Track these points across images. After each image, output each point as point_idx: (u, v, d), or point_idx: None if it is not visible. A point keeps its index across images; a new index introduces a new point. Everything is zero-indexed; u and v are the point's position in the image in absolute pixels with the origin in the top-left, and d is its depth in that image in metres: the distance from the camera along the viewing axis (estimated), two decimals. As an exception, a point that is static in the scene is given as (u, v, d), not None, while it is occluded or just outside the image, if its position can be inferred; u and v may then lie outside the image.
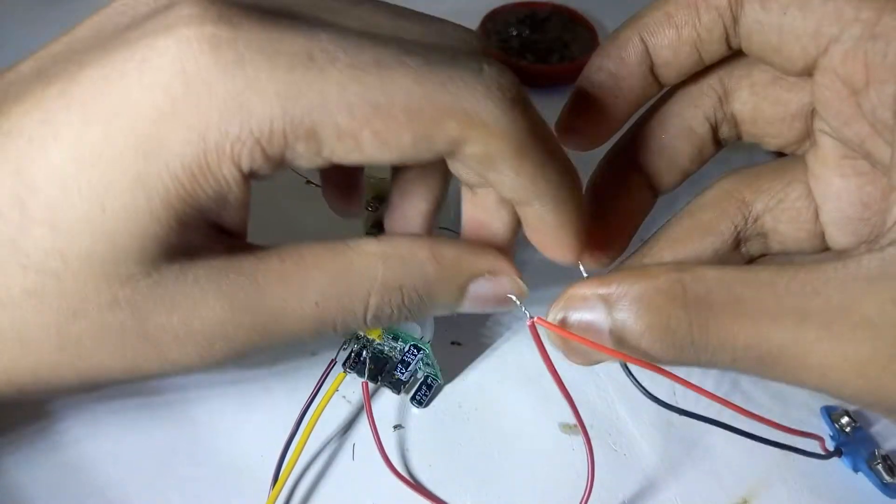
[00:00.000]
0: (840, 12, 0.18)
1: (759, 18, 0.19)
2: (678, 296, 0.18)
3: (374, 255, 0.21)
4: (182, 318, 0.19)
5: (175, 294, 0.19)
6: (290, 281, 0.20)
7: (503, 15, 0.48)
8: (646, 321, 0.18)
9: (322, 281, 0.20)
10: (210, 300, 0.19)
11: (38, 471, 0.26)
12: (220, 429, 0.28)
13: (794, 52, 0.19)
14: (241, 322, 0.20)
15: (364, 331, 0.25)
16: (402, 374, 0.25)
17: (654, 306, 0.18)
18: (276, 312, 0.20)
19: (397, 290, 0.21)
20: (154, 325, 0.19)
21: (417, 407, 0.28)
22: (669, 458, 0.28)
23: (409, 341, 0.26)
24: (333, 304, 0.20)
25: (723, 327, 0.18)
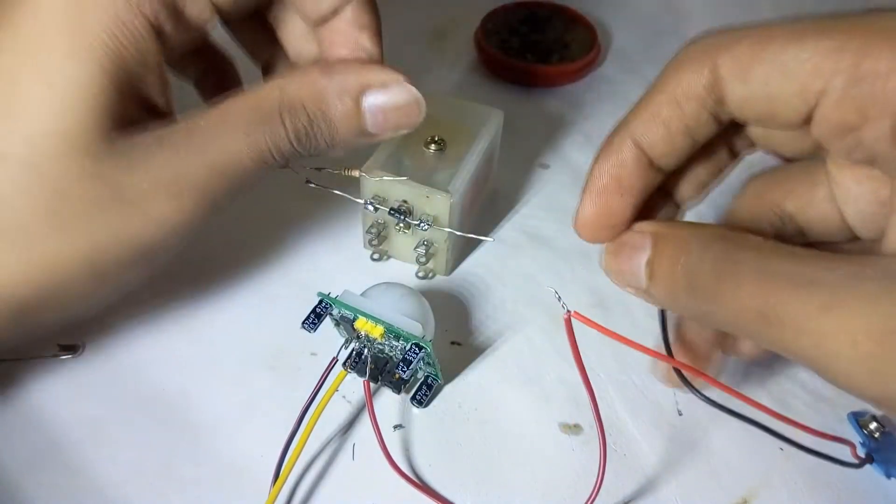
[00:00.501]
0: (819, 68, 0.18)
1: (743, 94, 0.20)
2: (713, 247, 0.20)
3: (276, 83, 0.25)
4: (145, 176, 0.23)
5: (132, 158, 0.23)
6: (218, 123, 0.24)
7: (503, 15, 0.48)
8: (680, 260, 0.20)
9: (243, 116, 0.24)
10: (162, 156, 0.23)
11: (39, 472, 0.26)
12: (221, 429, 0.28)
13: (786, 114, 0.20)
14: (193, 167, 0.23)
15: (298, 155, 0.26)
16: (404, 372, 0.25)
17: (688, 247, 0.20)
18: (218, 150, 0.24)
19: (301, 109, 0.24)
20: (125, 187, 0.23)
21: (418, 407, 0.28)
22: (669, 458, 0.28)
23: (412, 340, 0.26)
24: (258, 130, 0.24)
25: (737, 280, 0.19)
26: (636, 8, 0.53)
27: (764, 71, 0.19)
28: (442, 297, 0.33)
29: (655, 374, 0.26)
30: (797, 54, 0.19)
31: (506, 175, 0.38)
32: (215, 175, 0.24)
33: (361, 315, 0.26)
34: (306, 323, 0.26)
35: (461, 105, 0.35)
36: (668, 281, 0.21)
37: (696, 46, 0.21)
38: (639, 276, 0.22)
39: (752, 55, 0.20)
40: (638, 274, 0.22)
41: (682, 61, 0.21)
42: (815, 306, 0.17)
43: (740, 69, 0.20)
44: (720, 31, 0.21)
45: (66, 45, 0.22)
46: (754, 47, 0.20)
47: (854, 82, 0.18)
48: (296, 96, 0.24)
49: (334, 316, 0.27)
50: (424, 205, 0.30)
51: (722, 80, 0.20)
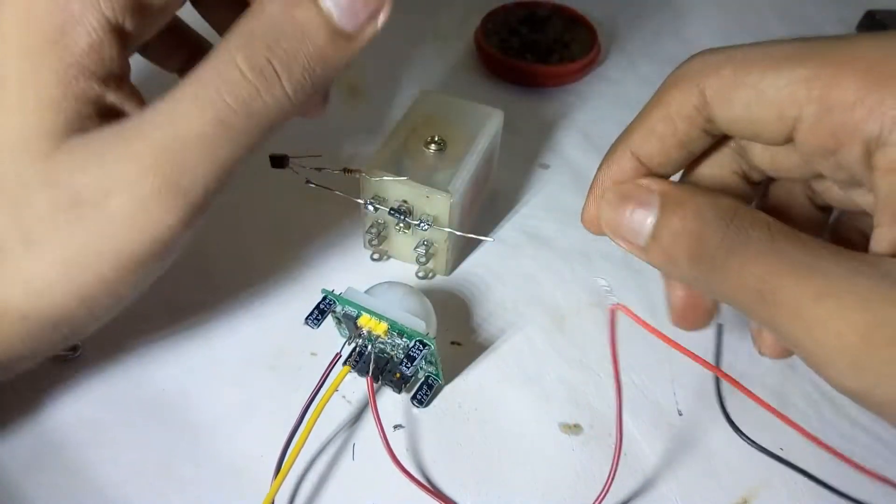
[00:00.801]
0: (794, 96, 0.19)
1: (729, 116, 0.21)
2: (726, 217, 0.20)
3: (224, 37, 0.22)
4: (102, 173, 0.21)
5: (87, 156, 0.21)
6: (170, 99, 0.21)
7: (503, 15, 0.48)
8: (689, 226, 0.20)
9: (193, 80, 0.21)
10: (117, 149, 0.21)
11: (39, 472, 0.26)
12: (221, 429, 0.28)
13: (769, 135, 0.21)
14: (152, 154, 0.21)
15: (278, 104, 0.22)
16: (407, 368, 0.25)
17: (701, 216, 0.20)
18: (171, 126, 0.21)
19: (255, 43, 0.21)
20: (83, 189, 0.21)
21: (418, 406, 0.28)
22: (669, 458, 0.28)
23: (415, 336, 0.26)
24: (208, 86, 0.21)
25: (746, 255, 0.19)
26: (636, 8, 0.53)
27: (745, 96, 0.20)
28: (442, 297, 0.33)
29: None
30: (774, 81, 0.20)
31: (506, 175, 0.38)
32: (171, 154, 0.21)
33: (365, 312, 0.26)
34: (310, 319, 0.26)
35: (461, 105, 0.35)
36: (672, 245, 0.21)
37: (686, 68, 0.22)
38: (639, 233, 0.21)
39: (734, 80, 0.21)
40: (639, 231, 0.21)
41: (674, 82, 0.22)
42: (810, 293, 0.18)
43: (724, 93, 0.21)
44: (709, 52, 0.22)
45: (17, 45, 0.21)
46: (737, 72, 0.21)
47: (825, 111, 0.19)
48: (242, 32, 0.22)
49: (337, 313, 0.27)
50: (424, 205, 0.30)
51: (710, 101, 0.21)
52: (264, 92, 0.22)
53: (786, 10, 0.54)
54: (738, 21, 0.53)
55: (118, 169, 0.21)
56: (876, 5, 0.52)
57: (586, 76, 0.46)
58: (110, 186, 0.21)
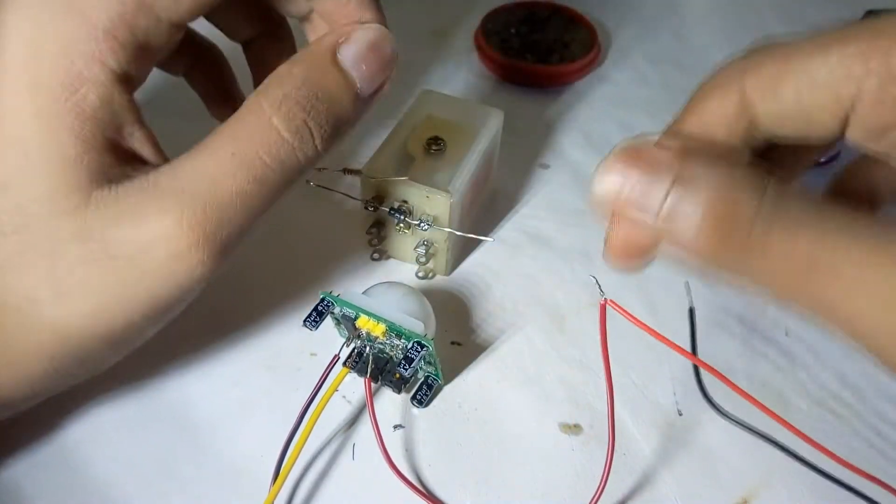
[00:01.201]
0: (849, 73, 0.18)
1: (777, 111, 0.19)
2: (759, 190, 0.17)
3: (253, 97, 0.23)
4: (134, 228, 0.21)
5: (118, 211, 0.21)
6: (203, 153, 0.22)
7: (503, 15, 0.48)
8: (713, 204, 0.17)
9: (227, 136, 0.22)
10: (149, 204, 0.21)
11: (39, 472, 0.26)
12: (221, 430, 0.28)
13: (823, 123, 0.19)
14: (182, 209, 0.21)
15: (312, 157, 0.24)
16: (406, 370, 0.25)
17: (732, 190, 0.18)
18: (205, 182, 0.22)
19: (291, 101, 0.23)
20: (115, 243, 0.21)
21: (418, 406, 0.28)
22: (669, 458, 0.28)
23: (413, 338, 0.26)
24: (246, 144, 0.22)
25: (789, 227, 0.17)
26: (636, 8, 0.53)
27: (794, 85, 0.19)
28: (442, 297, 0.33)
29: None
30: (825, 63, 0.18)
31: (506, 175, 0.38)
32: (210, 212, 0.22)
33: (363, 313, 0.26)
34: (308, 321, 0.26)
35: (461, 105, 0.35)
36: (693, 226, 0.17)
37: (722, 72, 0.20)
38: (649, 207, 0.18)
39: (779, 72, 0.19)
40: (649, 205, 0.18)
41: (710, 87, 0.20)
42: (866, 260, 0.16)
43: (770, 87, 0.19)
44: (741, 56, 0.20)
45: (30, 107, 0.21)
46: (779, 64, 0.19)
47: (888, 81, 0.18)
48: (276, 94, 0.23)
49: (335, 315, 0.27)
50: (424, 205, 0.30)
51: (752, 102, 0.20)
52: (299, 150, 0.23)
53: (786, 10, 0.54)
54: (739, 21, 0.53)
55: (155, 225, 0.21)
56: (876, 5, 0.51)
57: (586, 76, 0.46)
58: (147, 242, 0.21)
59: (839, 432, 0.29)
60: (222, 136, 0.23)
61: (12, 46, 0.21)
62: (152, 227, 0.21)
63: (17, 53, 0.21)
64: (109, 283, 0.22)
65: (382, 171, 0.30)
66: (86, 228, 0.21)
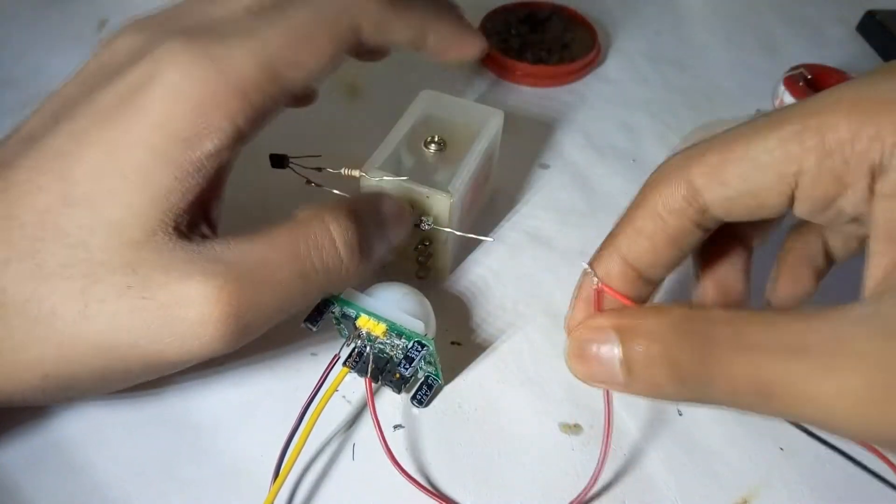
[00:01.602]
0: (789, 153, 0.20)
1: (725, 196, 0.21)
2: (686, 330, 0.19)
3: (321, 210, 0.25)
4: (178, 278, 0.22)
5: (173, 259, 0.22)
6: (265, 240, 0.24)
7: (503, 15, 0.48)
8: (655, 352, 0.20)
9: (284, 231, 0.24)
10: (201, 264, 0.22)
11: (39, 472, 0.26)
12: (221, 429, 0.28)
13: (771, 201, 0.21)
14: (229, 285, 0.22)
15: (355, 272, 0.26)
16: (406, 369, 0.25)
17: (663, 339, 0.20)
18: (256, 263, 0.23)
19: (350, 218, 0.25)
20: (154, 286, 0.22)
21: (418, 406, 0.28)
22: (669, 458, 0.28)
23: (414, 337, 0.26)
24: (301, 244, 0.24)
25: (723, 360, 0.19)
26: (636, 8, 0.53)
27: (738, 170, 0.21)
28: (442, 297, 0.33)
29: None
30: (764, 146, 0.20)
31: (506, 175, 0.38)
32: (249, 292, 0.23)
33: (364, 313, 0.26)
34: (308, 320, 0.26)
35: (461, 105, 0.35)
36: (649, 375, 0.20)
37: (667, 164, 0.22)
38: (614, 374, 0.21)
39: (722, 159, 0.21)
40: (612, 373, 0.21)
41: (657, 180, 0.22)
42: (811, 373, 0.17)
43: (715, 175, 0.21)
44: (683, 150, 0.22)
45: (152, 140, 0.22)
46: (722, 152, 0.21)
47: (825, 156, 0.19)
48: (340, 211, 0.25)
49: (335, 314, 0.27)
50: (424, 205, 0.30)
51: (699, 190, 0.21)
52: (346, 264, 0.25)
53: (786, 10, 0.54)
54: (739, 21, 0.53)
55: (198, 285, 0.22)
56: (876, 5, 0.52)
57: (586, 76, 0.46)
58: (183, 297, 0.22)
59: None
60: (281, 229, 0.24)
61: (158, 89, 0.23)
62: (194, 286, 0.22)
63: (160, 96, 0.22)
64: (128, 325, 0.22)
65: (382, 171, 0.30)
66: (136, 262, 0.22)
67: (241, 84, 0.23)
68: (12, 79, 0.42)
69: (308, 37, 0.25)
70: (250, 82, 0.23)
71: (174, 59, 0.23)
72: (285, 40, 0.24)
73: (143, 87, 0.23)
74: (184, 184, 0.23)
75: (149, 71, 0.23)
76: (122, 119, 0.23)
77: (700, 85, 0.47)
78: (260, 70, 0.23)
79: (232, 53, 0.23)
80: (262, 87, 0.24)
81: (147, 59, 0.23)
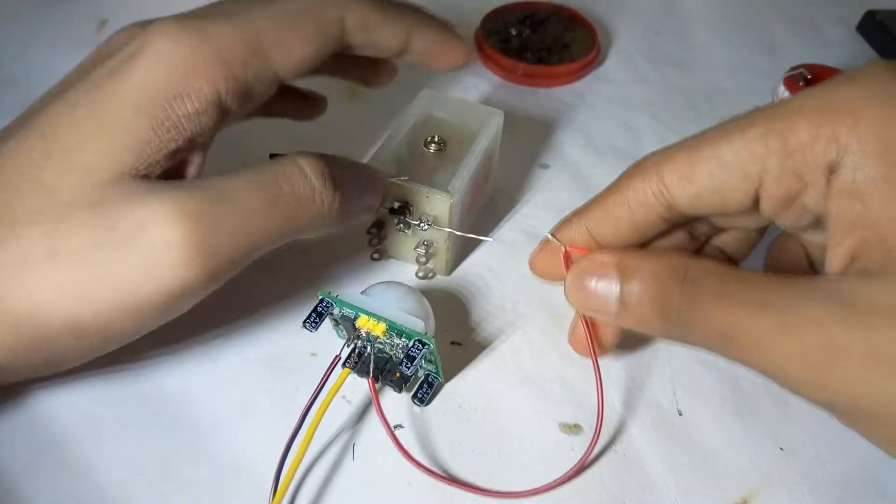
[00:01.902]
0: (754, 154, 0.21)
1: (693, 193, 0.23)
2: (681, 276, 0.22)
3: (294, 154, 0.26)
4: (143, 205, 0.23)
5: (140, 194, 0.23)
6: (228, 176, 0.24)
7: (503, 15, 0.48)
8: (650, 290, 0.22)
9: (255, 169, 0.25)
10: (170, 194, 0.23)
11: (39, 472, 0.26)
12: (221, 429, 0.28)
13: (736, 199, 0.23)
14: (196, 207, 0.23)
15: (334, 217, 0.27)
16: (407, 368, 0.25)
17: (658, 280, 0.22)
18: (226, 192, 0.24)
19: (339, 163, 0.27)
20: (120, 215, 0.22)
21: (419, 405, 0.28)
22: (669, 458, 0.28)
23: (414, 336, 0.26)
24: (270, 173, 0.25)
25: (704, 306, 0.21)
26: (636, 8, 0.53)
27: (706, 169, 0.22)
28: (442, 297, 0.33)
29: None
30: (730, 147, 0.22)
31: (506, 175, 0.38)
32: (219, 217, 0.23)
33: (363, 313, 0.26)
34: (308, 322, 0.26)
35: (461, 105, 0.35)
36: (641, 310, 0.23)
37: (643, 161, 0.24)
38: (608, 305, 0.23)
39: (691, 159, 0.23)
40: (607, 303, 0.23)
41: (632, 173, 0.24)
42: (769, 328, 0.20)
43: (684, 173, 0.23)
44: (658, 150, 0.24)
45: (136, 95, 0.23)
46: (691, 153, 0.23)
47: (787, 157, 0.21)
48: (317, 154, 0.26)
49: (334, 315, 0.27)
50: (424, 205, 0.30)
51: (669, 187, 0.23)
52: (319, 192, 0.25)
53: (786, 10, 0.54)
54: (738, 21, 0.53)
55: (159, 209, 0.22)
56: (876, 5, 0.52)
57: (586, 76, 0.46)
58: (145, 223, 0.22)
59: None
60: (253, 168, 0.25)
61: (145, 58, 0.24)
62: (156, 208, 0.22)
63: (146, 62, 0.24)
64: (98, 261, 0.22)
65: (382, 172, 0.30)
66: (101, 199, 0.22)
67: (223, 54, 0.24)
68: (12, 79, 0.42)
69: (293, 20, 0.26)
70: (233, 53, 0.25)
71: (163, 31, 0.24)
72: (271, 22, 0.26)
73: (133, 56, 0.24)
74: (160, 136, 0.23)
75: (139, 44, 0.24)
76: (110, 85, 0.24)
77: (700, 85, 0.47)
78: (243, 43, 0.25)
79: (218, 28, 0.25)
80: (245, 60, 0.25)
81: (138, 37, 0.25)
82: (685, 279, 0.22)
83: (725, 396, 0.30)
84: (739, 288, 0.21)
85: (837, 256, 0.21)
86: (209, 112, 0.24)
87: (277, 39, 0.26)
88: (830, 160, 0.20)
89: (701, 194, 0.23)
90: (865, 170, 0.20)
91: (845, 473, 0.28)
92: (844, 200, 0.20)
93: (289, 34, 0.26)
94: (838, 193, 0.21)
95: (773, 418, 0.29)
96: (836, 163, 0.20)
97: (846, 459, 0.28)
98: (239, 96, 0.25)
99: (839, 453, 0.28)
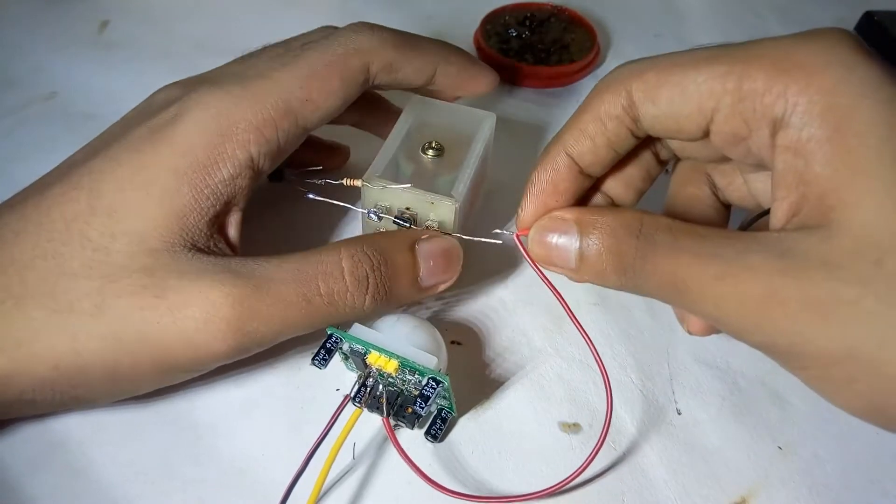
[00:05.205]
0: (711, 90, 0.22)
1: (654, 113, 0.24)
2: (636, 231, 0.23)
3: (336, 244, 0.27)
4: (190, 281, 0.24)
5: (187, 267, 0.24)
6: (276, 265, 0.25)
7: (503, 16, 0.48)
8: (607, 244, 0.24)
9: (297, 258, 0.26)
10: (214, 276, 0.24)
11: (41, 472, 0.26)
12: (222, 429, 0.28)
13: (689, 128, 0.24)
14: (236, 293, 0.24)
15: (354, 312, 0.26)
16: (422, 408, 0.25)
17: (615, 234, 0.24)
18: (266, 280, 0.25)
19: (363, 255, 0.26)
20: (167, 287, 0.24)
21: (433, 442, 0.27)
22: (669, 458, 0.28)
23: (428, 374, 0.25)
24: (310, 269, 0.25)
25: (657, 258, 0.22)
26: (636, 9, 0.53)
27: (668, 94, 0.23)
28: (442, 297, 0.33)
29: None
30: (694, 79, 0.23)
31: (505, 176, 0.38)
32: (254, 304, 0.24)
33: (374, 349, 0.26)
34: (316, 359, 0.26)
35: (452, 109, 0.34)
36: (598, 264, 0.24)
37: (614, 74, 0.25)
38: (568, 259, 0.25)
39: (658, 81, 0.23)
40: (567, 258, 0.25)
41: (604, 86, 0.25)
42: (711, 275, 0.21)
43: (650, 93, 0.24)
44: (633, 61, 0.25)
45: (175, 163, 0.25)
46: (660, 74, 0.23)
47: (738, 101, 0.22)
48: (357, 245, 0.26)
49: (344, 350, 0.27)
50: (429, 211, 0.30)
51: (635, 103, 0.24)
52: (351, 294, 0.26)
53: (785, 10, 0.54)
54: (738, 21, 0.53)
55: (207, 291, 0.24)
56: (875, 6, 0.52)
57: (586, 77, 0.47)
58: (192, 300, 0.24)
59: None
60: (295, 256, 0.26)
61: (183, 124, 0.26)
62: (203, 289, 0.24)
63: (184, 129, 0.25)
64: (140, 322, 0.23)
65: (384, 180, 0.30)
66: (153, 267, 0.24)
67: (255, 119, 0.26)
68: (12, 79, 0.42)
69: (320, 77, 0.27)
70: (264, 117, 0.26)
71: (200, 99, 0.26)
72: (298, 81, 0.27)
73: (172, 121, 0.26)
74: (201, 204, 0.25)
75: (178, 109, 0.26)
76: (151, 147, 0.25)
77: (699, 85, 0.47)
78: (275, 108, 0.26)
79: (249, 93, 0.26)
80: (276, 123, 0.27)
81: (178, 102, 0.26)
82: (640, 234, 0.23)
83: (724, 396, 0.30)
84: (690, 242, 0.22)
85: (780, 210, 0.22)
86: (244, 174, 0.26)
87: (306, 98, 0.27)
88: (776, 114, 0.21)
89: (659, 117, 0.24)
90: (811, 129, 0.21)
91: (844, 472, 0.28)
92: (790, 157, 0.21)
93: (316, 91, 0.27)
94: (785, 150, 0.21)
95: (772, 417, 0.29)
96: (782, 119, 0.21)
97: (845, 458, 0.28)
98: (271, 157, 0.27)
99: (838, 452, 0.28)
